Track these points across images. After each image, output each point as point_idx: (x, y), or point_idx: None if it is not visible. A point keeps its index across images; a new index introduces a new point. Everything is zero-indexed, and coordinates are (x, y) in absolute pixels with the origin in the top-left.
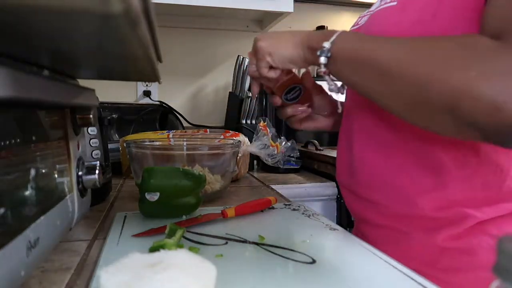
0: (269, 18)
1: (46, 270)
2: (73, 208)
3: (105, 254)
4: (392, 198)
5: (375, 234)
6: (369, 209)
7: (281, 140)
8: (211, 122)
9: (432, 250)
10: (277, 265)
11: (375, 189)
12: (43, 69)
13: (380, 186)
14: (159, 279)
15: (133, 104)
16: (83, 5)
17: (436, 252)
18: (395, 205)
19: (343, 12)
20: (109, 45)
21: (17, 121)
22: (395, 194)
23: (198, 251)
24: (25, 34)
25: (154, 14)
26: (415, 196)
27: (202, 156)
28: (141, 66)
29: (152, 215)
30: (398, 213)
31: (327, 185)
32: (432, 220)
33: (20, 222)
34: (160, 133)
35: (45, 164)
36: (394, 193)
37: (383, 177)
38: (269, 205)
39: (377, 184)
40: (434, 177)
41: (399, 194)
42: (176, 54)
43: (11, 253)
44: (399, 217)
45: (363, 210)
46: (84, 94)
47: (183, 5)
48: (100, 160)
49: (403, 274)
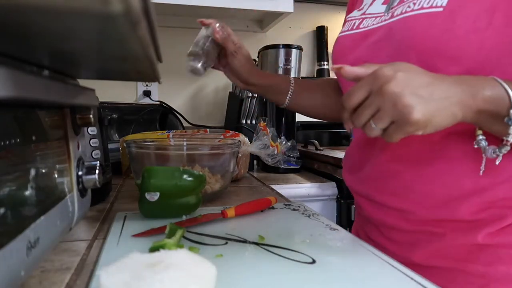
0: (269, 18)
1: (46, 270)
2: (73, 208)
3: (105, 254)
4: (423, 205)
5: (399, 237)
6: (392, 216)
7: (281, 140)
8: (211, 122)
9: (469, 248)
10: (277, 265)
11: (402, 197)
12: (43, 69)
13: (409, 194)
14: (159, 279)
15: (133, 104)
16: (83, 5)
17: (475, 250)
18: (426, 211)
19: (343, 12)
20: (109, 45)
21: (17, 121)
22: (428, 202)
23: (198, 251)
24: (25, 34)
25: (154, 14)
26: (452, 202)
27: (202, 156)
28: (141, 66)
29: (152, 215)
30: (429, 219)
31: (327, 185)
32: (469, 222)
33: (20, 222)
34: (160, 133)
35: (45, 164)
36: (427, 200)
37: (415, 187)
38: (269, 205)
39: (405, 193)
40: (475, 183)
41: (432, 201)
42: (176, 54)
43: (11, 253)
44: (430, 222)
45: (384, 216)
46: (84, 94)
47: (183, 5)
48: (100, 160)
49: (403, 274)
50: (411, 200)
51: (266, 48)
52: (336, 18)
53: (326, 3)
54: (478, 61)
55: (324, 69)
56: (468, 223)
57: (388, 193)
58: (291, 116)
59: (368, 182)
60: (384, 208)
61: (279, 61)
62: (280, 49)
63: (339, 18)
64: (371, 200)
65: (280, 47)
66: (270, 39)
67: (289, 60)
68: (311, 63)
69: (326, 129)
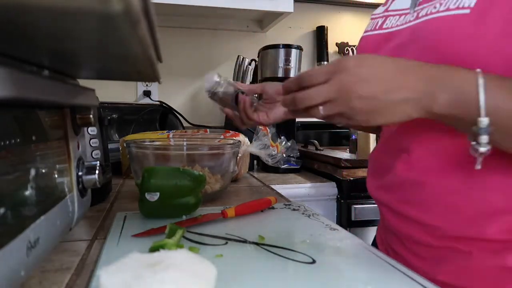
0: (269, 18)
1: (46, 270)
2: (73, 208)
3: (105, 254)
4: (449, 220)
5: (423, 252)
6: (418, 230)
7: (281, 140)
8: (211, 122)
9: (498, 271)
10: (277, 265)
11: (427, 210)
12: (43, 69)
13: (438, 208)
14: (159, 279)
15: (133, 104)
16: (83, 5)
17: (505, 273)
18: (451, 227)
19: (343, 12)
20: (109, 45)
21: (17, 121)
22: (453, 217)
23: (198, 251)
24: (25, 34)
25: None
26: (479, 218)
27: (202, 156)
28: (141, 66)
29: (152, 215)
30: (455, 235)
31: (327, 185)
32: (498, 242)
33: (20, 222)
34: (160, 133)
35: (45, 164)
36: (452, 215)
37: (441, 199)
38: (269, 205)
39: (430, 206)
40: (505, 199)
41: (458, 216)
42: (176, 54)
43: (11, 253)
44: (456, 238)
45: (409, 229)
46: (84, 94)
47: (183, 5)
48: (100, 160)
49: (403, 274)
50: (436, 213)
51: (266, 48)
52: (336, 18)
53: (326, 3)
54: (507, 70)
55: None
56: (497, 243)
57: (412, 205)
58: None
59: (391, 191)
60: (408, 220)
61: (279, 61)
62: (280, 49)
63: (339, 18)
64: (394, 211)
65: (280, 47)
66: (270, 39)
67: (289, 60)
68: (311, 63)
69: (326, 129)
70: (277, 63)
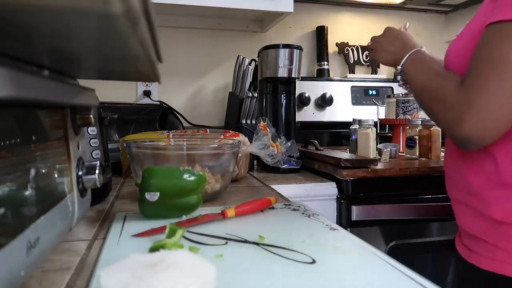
0: (269, 18)
1: (46, 270)
2: (73, 208)
3: (105, 254)
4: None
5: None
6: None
7: (281, 140)
8: (211, 122)
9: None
10: (277, 265)
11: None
12: (43, 69)
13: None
14: (159, 279)
15: (133, 104)
16: (83, 5)
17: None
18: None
19: (343, 12)
20: (109, 45)
21: (17, 121)
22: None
23: (198, 251)
24: (25, 34)
25: (154, 14)
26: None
27: (202, 156)
28: (141, 66)
29: (152, 215)
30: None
31: (327, 185)
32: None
33: (20, 222)
34: (160, 133)
35: (45, 164)
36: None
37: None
38: (269, 205)
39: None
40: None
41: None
42: (176, 54)
43: (11, 253)
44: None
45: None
46: (84, 94)
47: (183, 5)
48: (100, 160)
49: (403, 274)
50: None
51: (266, 48)
52: (336, 18)
53: (326, 3)
54: (462, 65)
55: (324, 69)
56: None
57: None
58: (291, 116)
59: (470, 193)
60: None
61: (279, 61)
62: (280, 49)
63: (339, 18)
64: (472, 209)
65: (280, 47)
66: (270, 39)
67: (289, 60)
68: (311, 63)
69: (326, 129)
70: (277, 63)
